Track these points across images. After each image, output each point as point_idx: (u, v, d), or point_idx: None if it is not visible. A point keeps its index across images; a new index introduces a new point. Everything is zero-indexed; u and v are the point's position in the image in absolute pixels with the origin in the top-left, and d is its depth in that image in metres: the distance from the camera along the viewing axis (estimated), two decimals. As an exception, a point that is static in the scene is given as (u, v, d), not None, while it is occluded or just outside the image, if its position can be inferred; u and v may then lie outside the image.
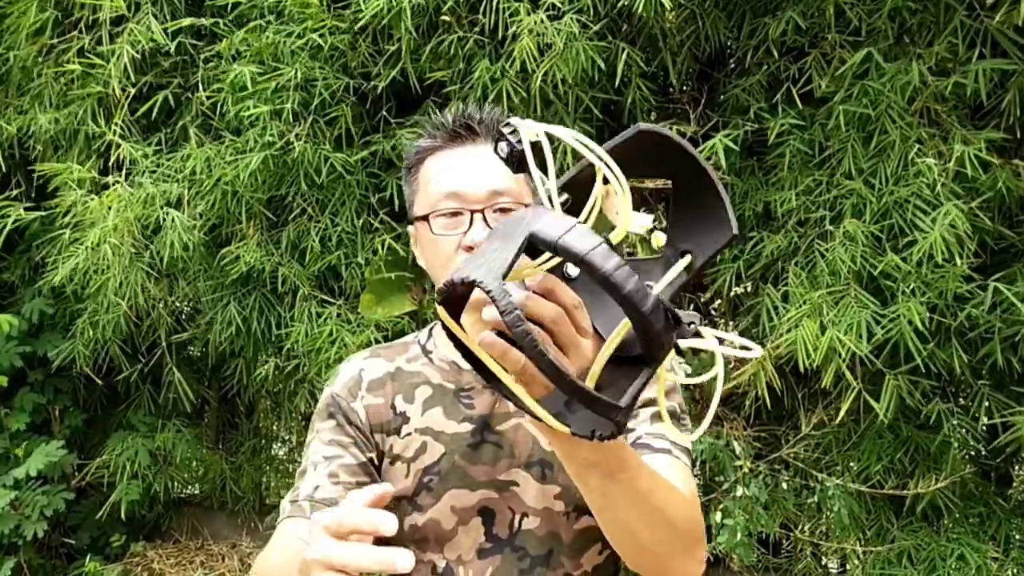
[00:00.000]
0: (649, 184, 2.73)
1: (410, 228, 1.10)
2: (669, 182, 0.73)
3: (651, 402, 1.03)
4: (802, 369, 2.24)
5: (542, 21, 2.32)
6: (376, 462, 1.06)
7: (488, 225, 0.99)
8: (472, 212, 0.99)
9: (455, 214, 1.00)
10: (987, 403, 2.26)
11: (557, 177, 0.63)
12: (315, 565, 0.65)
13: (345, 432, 1.05)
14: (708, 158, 2.56)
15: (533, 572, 1.01)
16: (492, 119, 1.04)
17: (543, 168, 0.62)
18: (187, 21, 2.84)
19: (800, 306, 2.25)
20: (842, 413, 2.35)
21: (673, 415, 1.05)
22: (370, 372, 1.09)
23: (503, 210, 0.99)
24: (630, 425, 1.02)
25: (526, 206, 0.90)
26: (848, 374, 2.21)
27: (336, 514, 0.65)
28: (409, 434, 1.05)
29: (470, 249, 0.97)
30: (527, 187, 1.03)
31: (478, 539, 1.02)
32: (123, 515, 3.49)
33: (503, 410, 1.04)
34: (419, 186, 1.06)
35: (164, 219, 2.83)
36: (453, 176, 1.01)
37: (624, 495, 0.75)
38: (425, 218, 1.02)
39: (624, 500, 0.75)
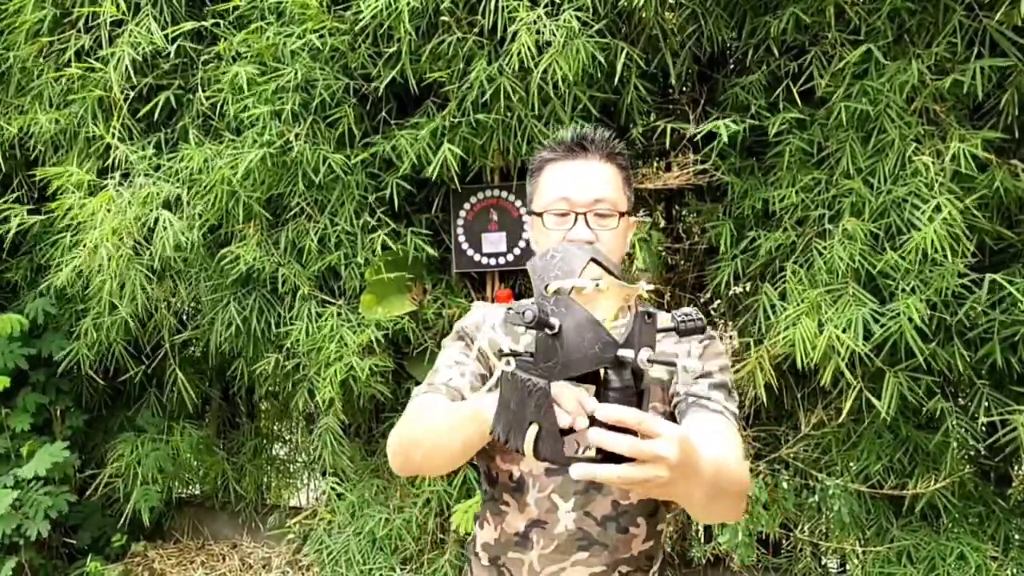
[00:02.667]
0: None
1: (527, 217, 1.38)
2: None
3: (708, 374, 1.25)
4: (800, 367, 2.24)
5: (540, 17, 2.33)
6: (489, 377, 1.31)
7: (588, 225, 1.24)
8: (577, 214, 1.24)
9: (563, 214, 1.25)
10: (986, 403, 2.26)
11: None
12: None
13: (469, 350, 1.32)
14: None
15: (587, 494, 1.25)
16: (601, 138, 1.29)
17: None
18: (188, 26, 2.85)
19: (798, 304, 2.25)
20: (844, 413, 2.35)
21: (726, 387, 1.26)
22: (491, 318, 1.37)
23: (600, 214, 1.25)
24: (693, 390, 1.27)
25: (621, 214, 1.26)
26: (847, 372, 2.21)
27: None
28: None
29: (572, 243, 1.19)
30: (624, 195, 1.29)
31: None
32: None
33: None
34: (539, 187, 1.31)
35: (159, 219, 2.84)
36: (565, 183, 1.26)
37: (696, 486, 0.91)
38: (540, 214, 1.28)
39: (695, 489, 0.91)
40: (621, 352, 0.81)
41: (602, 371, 0.83)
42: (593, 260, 0.91)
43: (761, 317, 2.39)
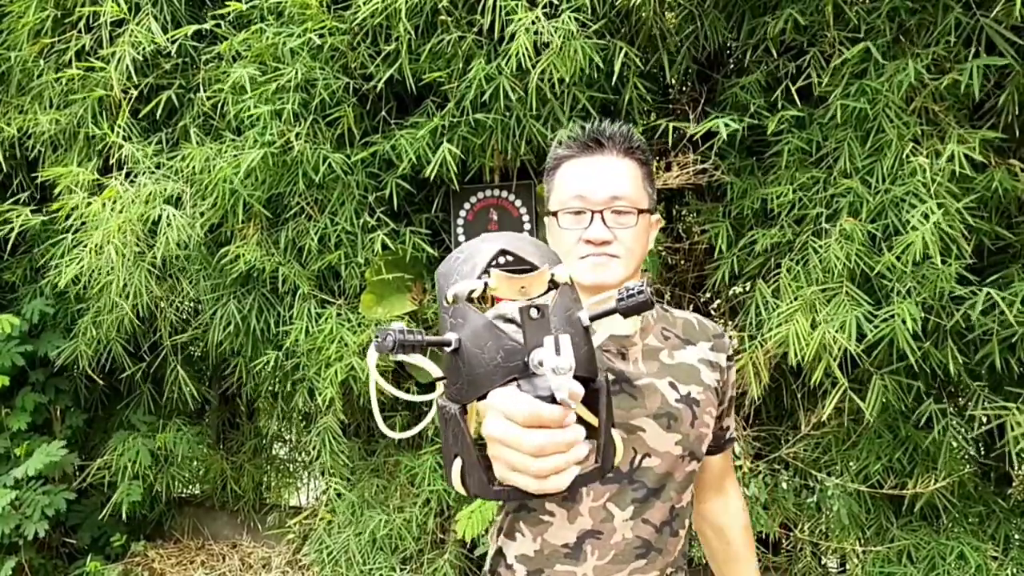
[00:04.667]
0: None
1: (546, 219, 1.30)
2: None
3: (731, 398, 1.35)
4: (792, 363, 2.24)
5: (539, 18, 2.33)
6: None
7: (606, 224, 1.18)
8: (593, 212, 1.19)
9: (579, 212, 1.20)
10: (984, 404, 2.26)
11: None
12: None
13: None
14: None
15: (647, 501, 1.21)
16: (618, 133, 1.24)
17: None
18: (190, 29, 2.85)
19: (791, 302, 2.25)
20: (826, 411, 2.35)
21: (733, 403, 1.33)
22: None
23: (618, 211, 1.19)
24: (728, 422, 1.38)
25: (639, 211, 1.20)
26: (837, 372, 2.21)
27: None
28: None
29: (589, 243, 1.18)
30: (645, 192, 1.24)
31: None
32: (124, 516, 3.49)
33: (638, 371, 1.23)
34: (555, 185, 1.26)
35: (163, 216, 2.85)
36: (581, 181, 1.21)
37: None
38: (555, 213, 1.22)
39: None
40: (536, 355, 0.67)
41: (514, 384, 0.69)
42: (504, 251, 0.77)
43: (753, 314, 2.40)
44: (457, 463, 0.70)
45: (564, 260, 1.21)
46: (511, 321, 0.87)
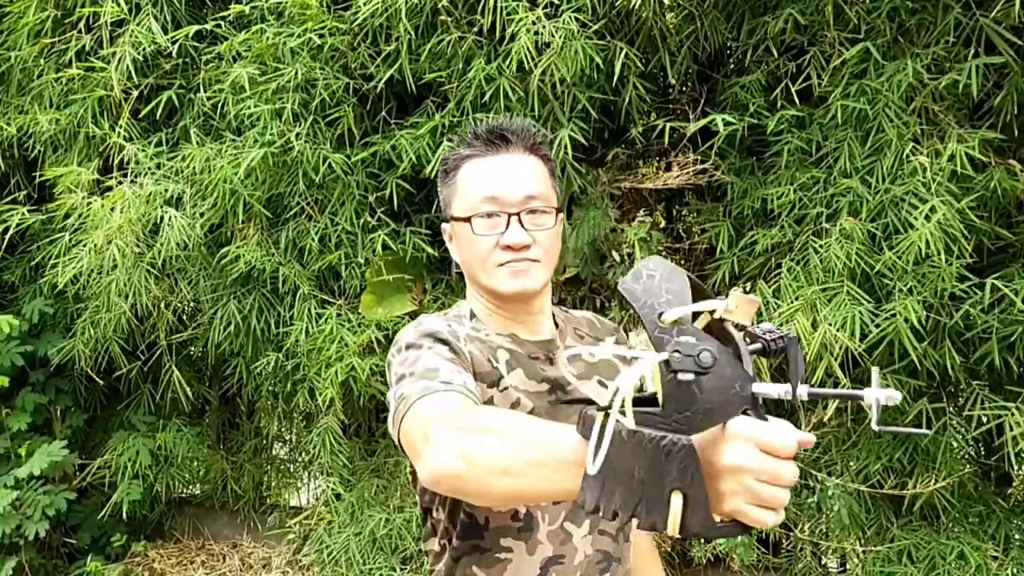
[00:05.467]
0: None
1: (444, 226, 1.21)
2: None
3: None
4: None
5: (539, 19, 2.33)
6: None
7: (523, 227, 1.10)
8: (509, 215, 1.11)
9: (491, 215, 1.11)
10: (983, 403, 2.26)
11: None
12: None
13: (463, 358, 1.07)
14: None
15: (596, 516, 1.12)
16: (523, 129, 1.16)
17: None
18: (191, 29, 2.85)
19: (792, 302, 2.25)
20: (829, 412, 2.35)
21: None
22: (456, 328, 1.13)
23: (533, 211, 1.12)
24: None
25: (557, 210, 1.14)
26: (839, 371, 2.21)
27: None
28: (506, 388, 1.12)
29: (507, 248, 1.11)
30: (554, 190, 1.17)
31: None
32: (124, 515, 3.49)
33: (568, 375, 1.17)
34: (457, 189, 1.16)
35: (163, 218, 2.85)
36: (491, 182, 1.12)
37: None
38: (467, 219, 1.12)
39: None
40: (763, 388, 0.66)
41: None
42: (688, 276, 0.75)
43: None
44: (676, 501, 0.64)
45: (478, 269, 1.14)
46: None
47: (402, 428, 0.95)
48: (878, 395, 0.65)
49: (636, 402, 0.67)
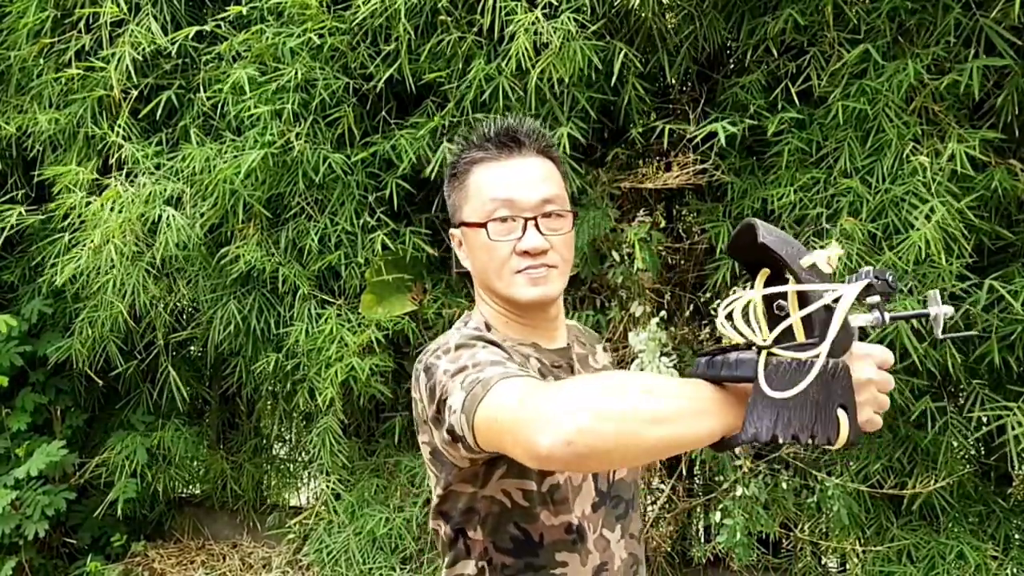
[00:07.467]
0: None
1: (453, 231, 1.17)
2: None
3: None
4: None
5: (538, 19, 2.33)
6: None
7: (540, 231, 1.06)
8: (525, 220, 1.07)
9: (506, 220, 1.08)
10: (983, 403, 2.26)
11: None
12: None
13: (506, 353, 1.02)
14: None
15: (626, 515, 1.15)
16: (535, 130, 1.13)
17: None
18: (191, 30, 2.85)
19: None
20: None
21: None
22: (491, 335, 1.08)
23: (548, 215, 1.08)
24: None
25: (573, 213, 1.12)
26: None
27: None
28: None
29: (525, 254, 1.07)
30: (567, 194, 1.14)
31: (591, 494, 1.11)
32: (120, 514, 3.49)
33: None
34: (468, 193, 1.12)
35: (163, 216, 2.85)
36: (506, 185, 1.09)
37: None
38: (481, 225, 1.09)
39: None
40: (858, 319, 0.81)
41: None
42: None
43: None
44: (843, 416, 0.74)
45: (494, 276, 1.11)
46: None
47: (483, 413, 0.88)
48: (942, 310, 0.84)
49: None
